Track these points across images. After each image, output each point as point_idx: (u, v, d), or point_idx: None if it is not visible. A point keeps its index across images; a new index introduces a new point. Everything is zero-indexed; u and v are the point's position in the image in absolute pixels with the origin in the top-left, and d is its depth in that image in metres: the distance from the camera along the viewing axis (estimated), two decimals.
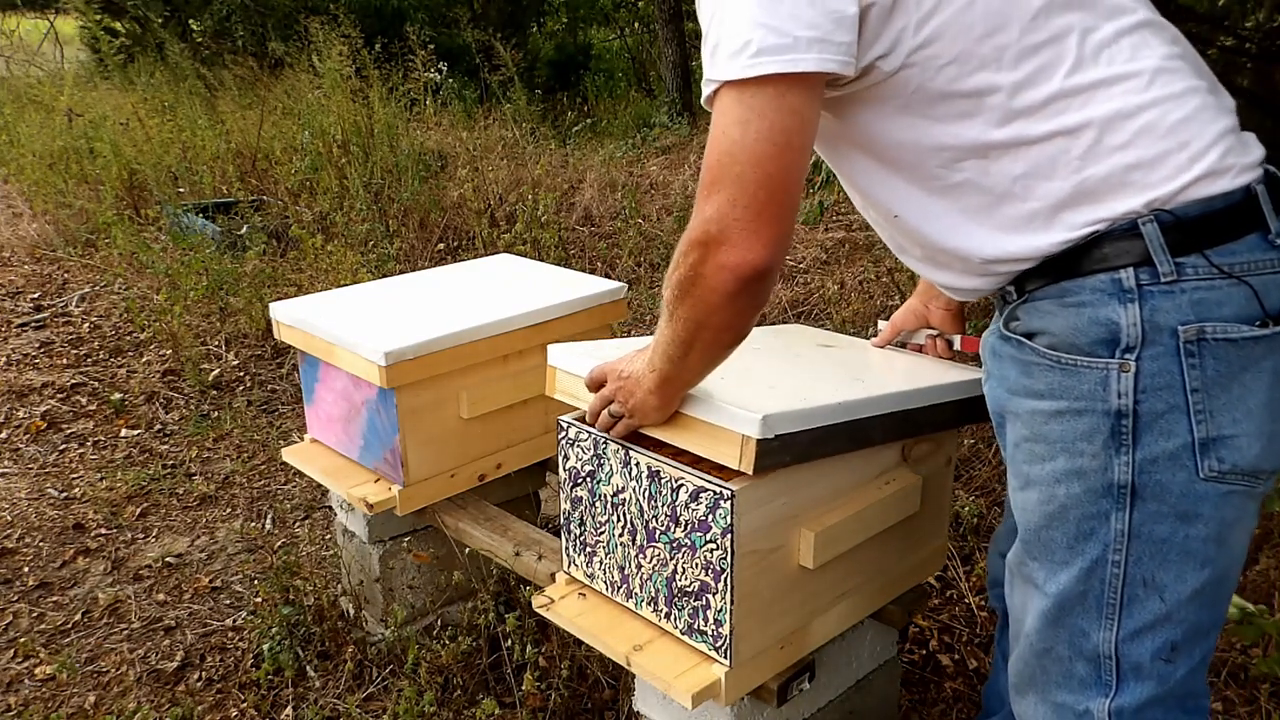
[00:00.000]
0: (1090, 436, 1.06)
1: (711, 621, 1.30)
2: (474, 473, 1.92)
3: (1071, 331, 1.06)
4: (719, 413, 1.22)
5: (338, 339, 1.79)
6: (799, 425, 1.23)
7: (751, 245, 1.01)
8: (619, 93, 9.60)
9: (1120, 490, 1.06)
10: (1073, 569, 1.10)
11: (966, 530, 2.39)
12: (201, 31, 9.89)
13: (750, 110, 1.00)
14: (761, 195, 1.00)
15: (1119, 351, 1.03)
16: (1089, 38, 1.04)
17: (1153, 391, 1.02)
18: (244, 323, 3.93)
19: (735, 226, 1.01)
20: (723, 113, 1.02)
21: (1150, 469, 1.04)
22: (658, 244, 4.68)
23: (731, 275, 1.03)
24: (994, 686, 1.58)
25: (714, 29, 1.03)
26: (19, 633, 2.27)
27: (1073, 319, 1.06)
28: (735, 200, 1.01)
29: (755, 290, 1.05)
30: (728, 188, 1.01)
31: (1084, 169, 1.03)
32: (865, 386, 1.37)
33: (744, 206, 1.00)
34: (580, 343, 1.53)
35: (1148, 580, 1.07)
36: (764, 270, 1.03)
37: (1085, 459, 1.07)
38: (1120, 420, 1.04)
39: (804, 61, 0.98)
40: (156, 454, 3.12)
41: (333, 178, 5.03)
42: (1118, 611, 1.09)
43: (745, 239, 1.01)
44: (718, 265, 1.03)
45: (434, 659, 1.91)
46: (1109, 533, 1.07)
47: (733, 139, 1.00)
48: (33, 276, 4.67)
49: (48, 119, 6.70)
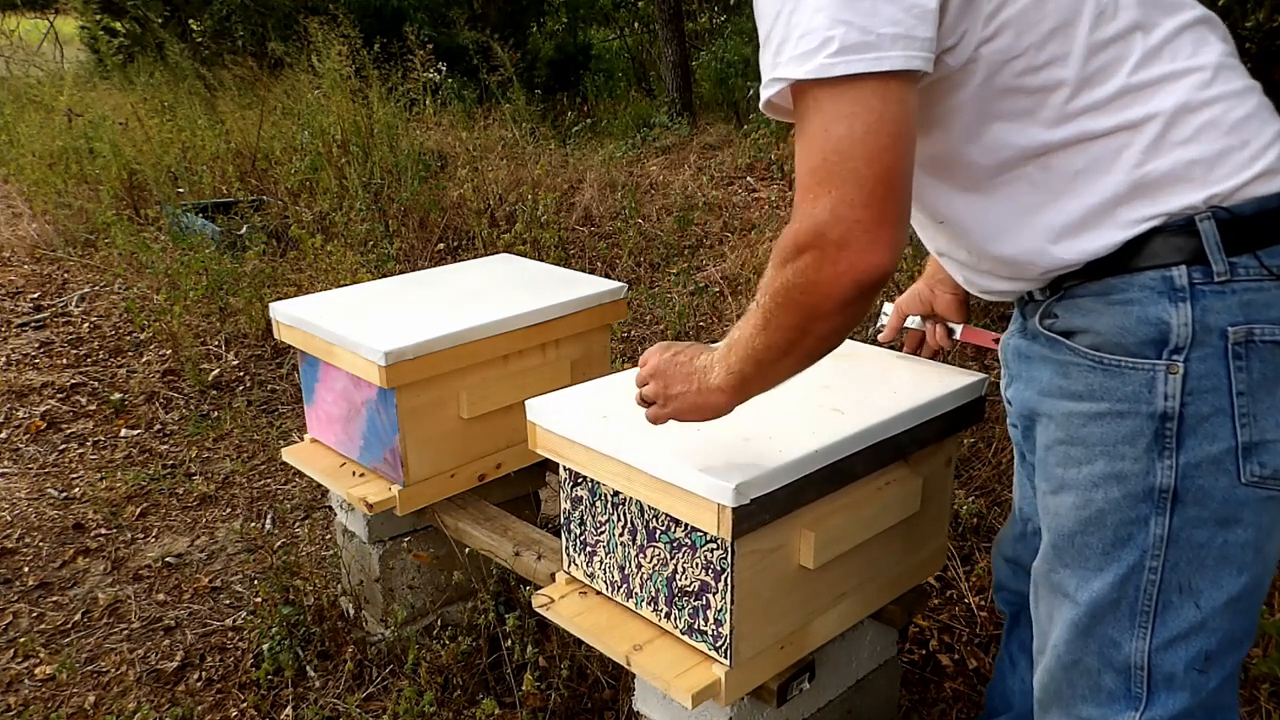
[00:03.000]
0: (1132, 440, 1.03)
1: (711, 621, 1.30)
2: (474, 473, 1.92)
3: (1118, 331, 1.03)
4: (694, 481, 1.22)
5: (338, 339, 1.79)
6: (774, 484, 1.23)
7: (874, 248, 0.94)
8: (619, 93, 9.61)
9: (1161, 495, 1.03)
10: (1107, 575, 1.07)
11: (966, 530, 2.39)
12: (201, 31, 9.89)
13: (854, 104, 0.93)
14: (880, 192, 0.93)
15: (1167, 352, 1.00)
16: (1152, 32, 1.01)
17: (1199, 394, 1.00)
18: (244, 323, 3.93)
19: (857, 229, 0.94)
20: (817, 110, 0.95)
21: (1193, 473, 1.02)
22: (658, 244, 4.68)
23: (852, 281, 0.95)
24: (997, 688, 1.58)
25: (779, 27, 0.96)
26: (19, 633, 2.27)
27: (1119, 318, 1.03)
28: (853, 200, 0.93)
29: (871, 297, 0.98)
30: (841, 187, 0.93)
31: (1145, 163, 1.01)
32: (846, 419, 1.36)
33: (863, 206, 0.93)
34: (561, 392, 1.52)
35: (1184, 587, 1.05)
36: (886, 275, 0.96)
37: (1126, 463, 1.04)
38: (1165, 423, 1.01)
39: (888, 60, 0.92)
40: (156, 454, 3.12)
41: (332, 178, 5.03)
42: (1151, 620, 1.06)
43: (868, 242, 0.94)
44: (837, 271, 0.95)
45: (434, 659, 1.91)
46: (1148, 538, 1.04)
47: (839, 135, 0.93)
48: (33, 276, 4.67)
49: (47, 119, 6.70)
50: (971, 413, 1.52)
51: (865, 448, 1.34)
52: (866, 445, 1.34)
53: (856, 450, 1.33)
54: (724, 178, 6.00)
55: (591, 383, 1.55)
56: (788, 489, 1.25)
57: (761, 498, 1.22)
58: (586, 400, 1.47)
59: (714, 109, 8.78)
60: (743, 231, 4.88)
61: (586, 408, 1.43)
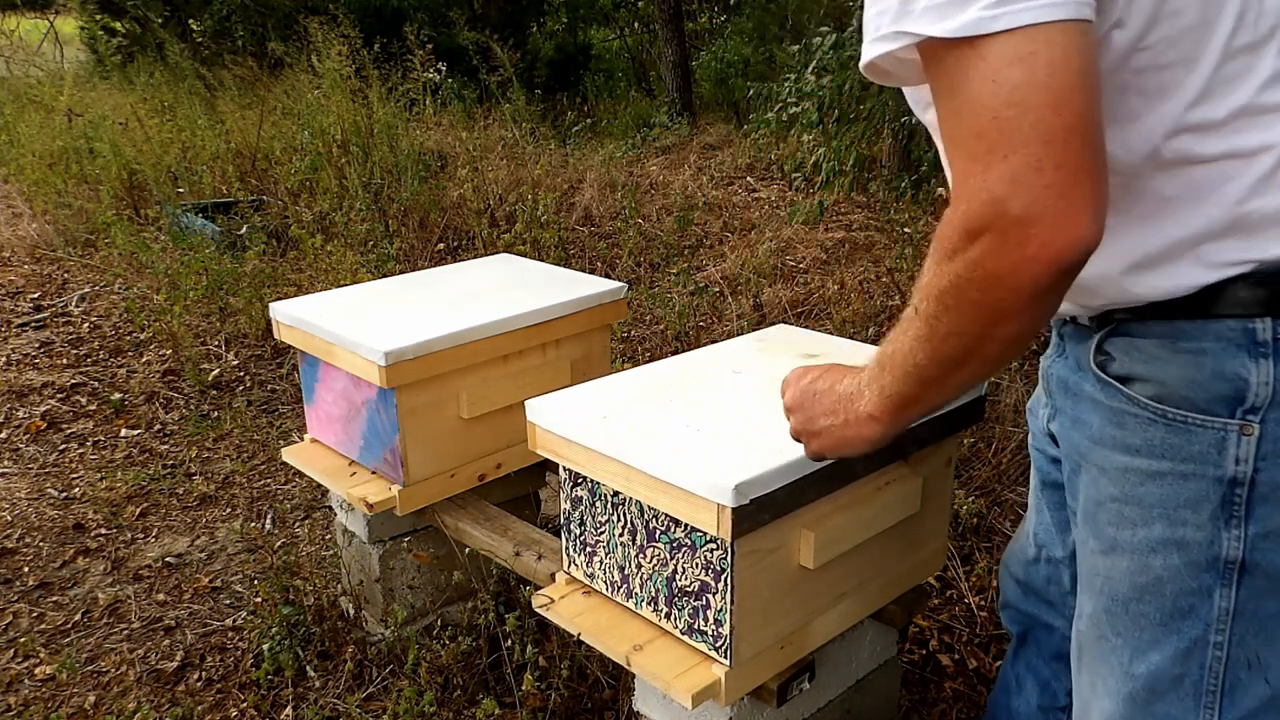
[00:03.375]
0: (1196, 504, 0.93)
1: (711, 621, 1.30)
2: (474, 473, 1.92)
3: (1186, 384, 0.91)
4: (694, 481, 1.22)
5: (338, 339, 1.79)
6: (774, 484, 1.23)
7: (1073, 216, 0.75)
8: (619, 93, 9.62)
9: (1228, 565, 0.94)
10: (1167, 649, 0.98)
11: (966, 530, 2.39)
12: (201, 31, 9.89)
13: (1032, 41, 0.74)
14: (1076, 144, 0.74)
15: (1241, 411, 0.90)
16: None
17: (1274, 459, 0.90)
18: (244, 323, 3.93)
19: (1048, 195, 0.74)
20: (976, 61, 0.76)
21: (1263, 545, 0.92)
22: (658, 244, 4.68)
23: (1047, 265, 0.76)
24: (1001, 700, 1.52)
25: None
26: (19, 633, 2.27)
27: (1189, 369, 0.91)
28: (1040, 160, 0.74)
29: (1069, 282, 0.79)
30: (1023, 147, 0.74)
31: (1249, 200, 0.87)
32: None
33: (1054, 166, 0.74)
34: (561, 392, 1.52)
35: (1252, 661, 0.96)
36: (1090, 250, 0.77)
37: (1189, 529, 0.94)
38: (1234, 489, 0.91)
39: (1062, 7, 0.74)
40: (156, 454, 3.12)
41: (332, 178, 5.03)
42: (1218, 699, 0.97)
43: (1064, 210, 0.75)
44: (1025, 255, 0.76)
45: (434, 659, 1.91)
46: (1212, 610, 0.95)
47: (1014, 83, 0.74)
48: (33, 276, 4.67)
49: (47, 119, 6.70)
50: (971, 413, 1.52)
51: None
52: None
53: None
54: (724, 178, 6.00)
55: (591, 383, 1.55)
56: (788, 489, 1.25)
57: (761, 498, 1.21)
58: (586, 400, 1.47)
59: (714, 109, 8.79)
60: (743, 231, 4.88)
61: (586, 408, 1.43)
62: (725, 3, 10.41)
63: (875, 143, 5.48)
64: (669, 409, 1.41)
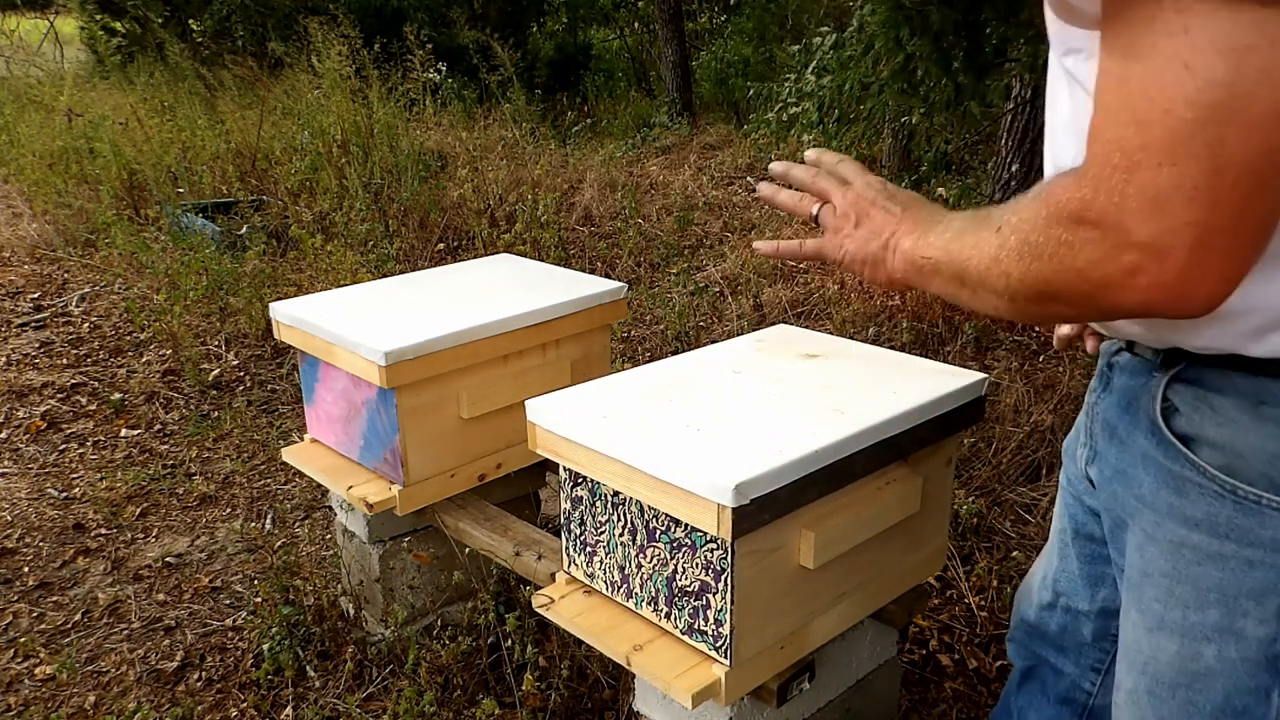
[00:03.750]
0: (1261, 597, 0.82)
1: (711, 621, 1.30)
2: (474, 473, 1.92)
3: (1268, 459, 0.78)
4: (694, 481, 1.22)
5: (338, 339, 1.80)
6: (774, 484, 1.23)
7: (1206, 275, 0.63)
8: (619, 93, 9.63)
9: None
10: None
11: (966, 530, 2.39)
12: (201, 31, 9.89)
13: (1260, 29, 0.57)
14: (1245, 189, 0.60)
15: None
16: None
17: None
18: (244, 323, 3.93)
19: (1187, 235, 0.62)
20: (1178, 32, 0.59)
21: None
22: (658, 244, 4.69)
23: (1138, 303, 0.66)
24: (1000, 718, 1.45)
25: None
26: (19, 633, 2.27)
27: (1273, 440, 0.78)
28: (1195, 192, 0.61)
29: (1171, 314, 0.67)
30: (1185, 164, 0.60)
31: None
32: (846, 419, 1.35)
33: (1208, 206, 0.61)
34: (561, 392, 1.51)
35: None
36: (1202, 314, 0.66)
37: (1249, 621, 0.83)
38: None
39: None
40: (156, 454, 3.12)
41: (332, 178, 5.04)
42: None
43: (1199, 263, 0.62)
44: (1122, 282, 0.65)
45: (434, 659, 1.91)
46: (1269, 714, 0.86)
47: (1212, 76, 0.59)
48: (33, 276, 4.67)
49: (48, 119, 6.70)
50: (971, 412, 1.52)
51: (865, 447, 1.34)
52: (866, 445, 1.34)
53: (856, 450, 1.33)
54: (724, 178, 6.00)
55: (591, 383, 1.55)
56: (788, 489, 1.25)
57: (761, 498, 1.21)
58: (586, 400, 1.47)
59: (714, 109, 8.80)
60: (743, 231, 4.88)
61: (587, 408, 1.43)
62: (725, 3, 10.42)
63: (875, 143, 5.49)
64: (669, 409, 1.41)
